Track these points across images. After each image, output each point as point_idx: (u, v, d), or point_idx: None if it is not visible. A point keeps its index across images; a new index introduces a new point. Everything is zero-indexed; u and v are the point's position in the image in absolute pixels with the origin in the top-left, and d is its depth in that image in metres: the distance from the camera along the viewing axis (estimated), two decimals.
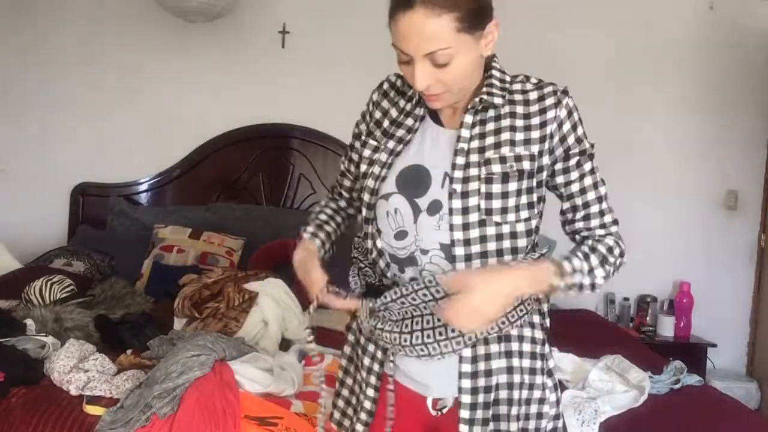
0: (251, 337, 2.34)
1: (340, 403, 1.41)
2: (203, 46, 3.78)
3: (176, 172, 3.83)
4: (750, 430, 2.13)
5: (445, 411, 1.27)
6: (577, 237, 1.30)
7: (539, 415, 1.26)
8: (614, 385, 2.18)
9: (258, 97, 3.80)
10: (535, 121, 1.22)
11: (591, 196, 1.26)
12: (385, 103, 1.40)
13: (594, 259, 1.22)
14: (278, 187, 3.85)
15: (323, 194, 3.83)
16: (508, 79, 1.27)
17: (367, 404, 1.32)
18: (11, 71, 3.80)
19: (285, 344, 2.44)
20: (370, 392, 1.31)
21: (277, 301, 2.51)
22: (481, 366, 1.22)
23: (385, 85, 1.44)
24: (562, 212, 1.30)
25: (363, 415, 1.32)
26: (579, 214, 1.27)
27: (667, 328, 3.71)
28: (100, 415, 1.79)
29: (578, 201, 1.26)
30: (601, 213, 1.27)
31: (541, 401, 1.26)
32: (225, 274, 2.68)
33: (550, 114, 1.22)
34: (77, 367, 1.98)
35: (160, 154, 3.80)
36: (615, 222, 1.29)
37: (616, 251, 1.26)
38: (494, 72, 1.27)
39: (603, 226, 1.27)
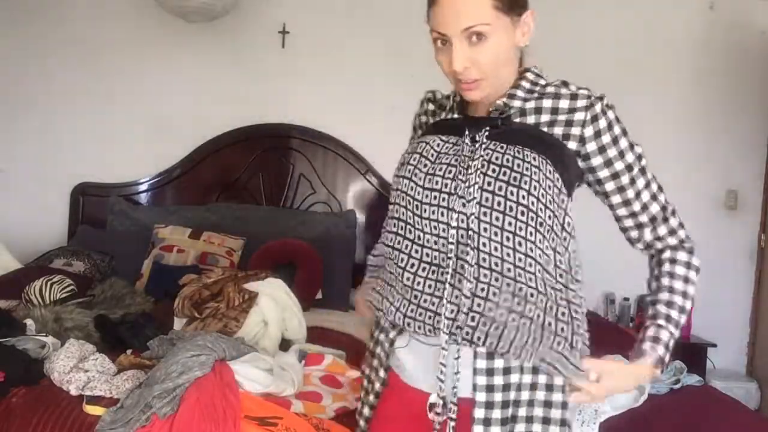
0: (251, 337, 2.33)
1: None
2: (203, 46, 3.78)
3: (176, 172, 3.83)
4: (750, 430, 2.13)
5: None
6: (652, 250, 1.34)
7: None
8: None
9: (258, 97, 3.81)
10: (562, 117, 1.22)
11: (654, 207, 1.30)
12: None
13: (678, 300, 1.29)
14: (278, 187, 3.85)
15: (323, 194, 3.84)
16: (542, 82, 1.26)
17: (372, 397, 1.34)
18: (11, 71, 3.80)
19: (285, 344, 2.44)
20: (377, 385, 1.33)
21: (277, 301, 2.51)
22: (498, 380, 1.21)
23: (424, 104, 1.45)
24: (625, 229, 1.34)
25: (371, 397, 1.34)
26: (647, 228, 1.31)
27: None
28: (100, 415, 1.79)
29: (643, 217, 1.30)
30: (665, 219, 1.30)
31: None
32: (225, 274, 2.68)
33: (579, 116, 1.21)
34: (77, 367, 1.98)
35: (160, 154, 3.80)
36: (682, 225, 1.32)
37: (694, 264, 1.30)
38: (529, 74, 1.26)
39: (672, 232, 1.31)
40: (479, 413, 1.17)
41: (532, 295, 1.16)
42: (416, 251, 1.22)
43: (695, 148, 3.86)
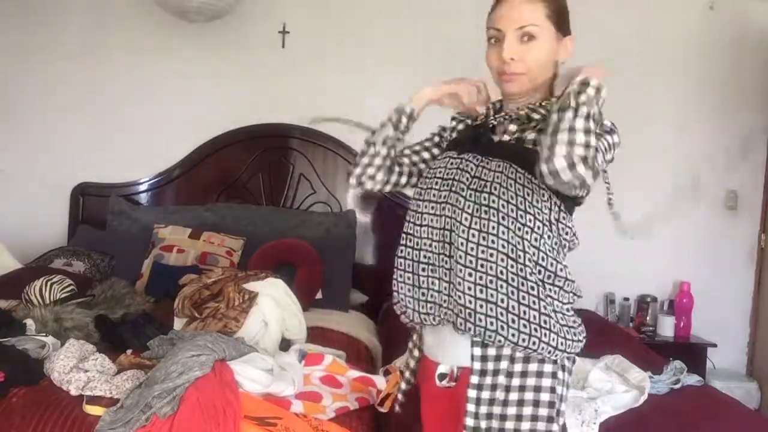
0: (251, 337, 2.33)
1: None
2: (203, 46, 3.78)
3: (176, 172, 3.83)
4: (750, 430, 2.13)
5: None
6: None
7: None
8: (614, 385, 2.18)
9: (258, 97, 3.80)
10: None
11: None
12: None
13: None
14: (278, 187, 3.84)
15: (323, 194, 3.84)
16: None
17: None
18: (11, 71, 3.80)
19: (285, 344, 2.44)
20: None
21: (277, 301, 2.51)
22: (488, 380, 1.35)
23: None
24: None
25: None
26: None
27: (667, 328, 3.71)
28: (100, 415, 1.79)
29: None
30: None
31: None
32: (225, 274, 2.68)
33: None
34: (77, 367, 1.98)
35: (160, 154, 3.80)
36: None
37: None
38: (553, 98, 1.38)
39: None
40: (474, 379, 1.34)
41: (501, 285, 1.31)
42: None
43: (695, 148, 3.86)
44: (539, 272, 1.33)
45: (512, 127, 1.40)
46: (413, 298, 1.42)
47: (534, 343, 1.30)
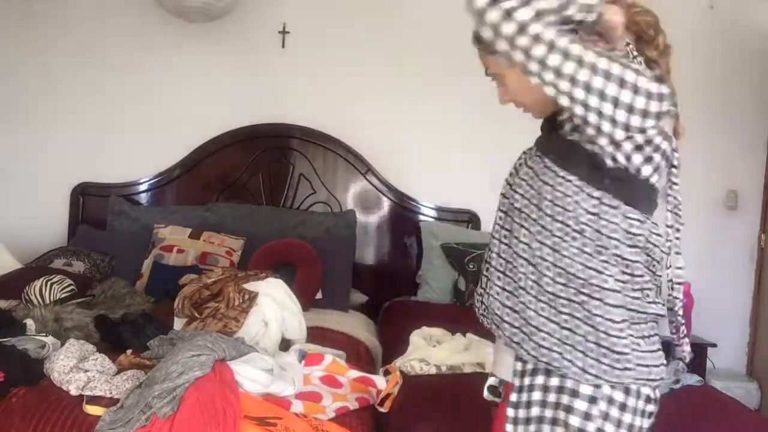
0: (251, 337, 2.33)
1: None
2: (203, 46, 3.78)
3: (176, 172, 3.83)
4: (750, 430, 2.13)
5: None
6: None
7: None
8: None
9: (258, 97, 3.81)
10: None
11: None
12: None
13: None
14: (278, 187, 3.84)
15: (323, 194, 3.84)
16: None
17: None
18: (11, 71, 3.80)
19: (285, 344, 2.44)
20: None
21: (277, 301, 2.51)
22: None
23: None
24: None
25: None
26: None
27: (667, 328, 3.70)
28: (100, 415, 1.79)
29: None
30: None
31: None
32: (225, 274, 2.68)
33: None
34: (77, 367, 1.98)
35: (160, 154, 3.80)
36: None
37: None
38: None
39: None
40: (513, 396, 1.26)
41: (521, 293, 1.22)
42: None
43: (695, 148, 3.84)
44: (565, 281, 1.18)
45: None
46: (479, 302, 1.34)
47: (555, 359, 1.18)
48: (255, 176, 3.84)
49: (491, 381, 1.36)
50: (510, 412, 1.24)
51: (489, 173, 2.18)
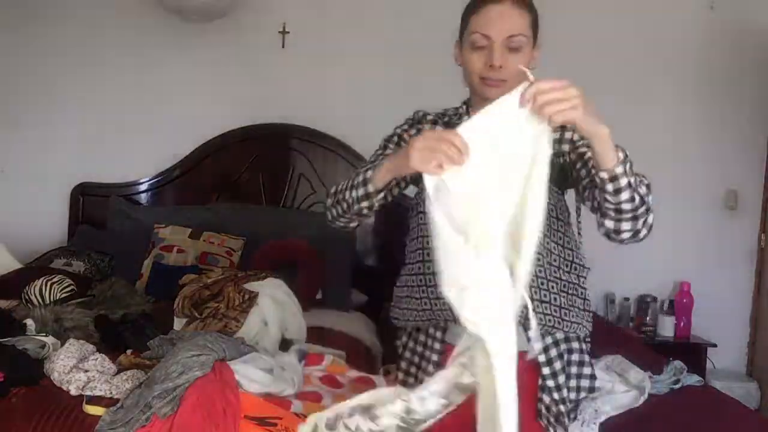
0: (251, 337, 2.33)
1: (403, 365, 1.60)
2: (203, 46, 3.78)
3: (176, 172, 3.83)
4: (750, 430, 2.13)
5: None
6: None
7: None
8: (614, 385, 2.18)
9: (258, 97, 3.80)
10: None
11: None
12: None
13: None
14: (278, 187, 3.84)
15: (323, 194, 3.83)
16: None
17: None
18: (11, 71, 3.80)
19: (285, 344, 2.44)
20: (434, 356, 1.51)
21: (277, 301, 2.51)
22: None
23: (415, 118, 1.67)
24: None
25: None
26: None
27: (667, 328, 3.71)
28: (100, 415, 1.78)
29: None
30: None
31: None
32: (225, 274, 2.68)
33: None
34: (77, 367, 1.98)
35: (160, 154, 3.80)
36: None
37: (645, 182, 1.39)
38: None
39: None
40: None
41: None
42: None
43: (695, 147, 3.86)
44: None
45: None
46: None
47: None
48: (255, 176, 3.84)
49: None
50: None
51: None
